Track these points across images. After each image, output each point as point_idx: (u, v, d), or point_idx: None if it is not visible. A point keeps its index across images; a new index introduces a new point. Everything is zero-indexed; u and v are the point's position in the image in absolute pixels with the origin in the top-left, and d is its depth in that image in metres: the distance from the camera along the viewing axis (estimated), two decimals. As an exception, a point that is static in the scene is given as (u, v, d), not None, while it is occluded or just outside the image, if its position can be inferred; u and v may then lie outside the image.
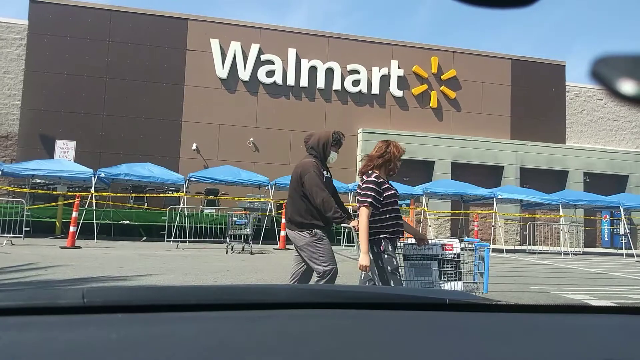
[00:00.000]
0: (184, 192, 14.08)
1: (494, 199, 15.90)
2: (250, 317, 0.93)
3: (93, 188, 13.32)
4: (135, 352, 0.73)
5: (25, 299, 0.94)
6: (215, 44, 19.61)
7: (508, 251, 16.08)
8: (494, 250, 15.84)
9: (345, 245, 13.90)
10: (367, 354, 0.79)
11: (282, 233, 13.11)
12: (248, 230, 11.74)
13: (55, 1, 18.69)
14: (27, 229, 12.10)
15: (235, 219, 11.80)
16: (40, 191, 14.52)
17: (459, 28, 74.11)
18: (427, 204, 16.07)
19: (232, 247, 11.50)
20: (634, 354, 0.89)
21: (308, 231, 3.92)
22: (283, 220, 13.31)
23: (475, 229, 14.66)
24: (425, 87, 21.39)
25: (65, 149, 17.65)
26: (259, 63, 20.00)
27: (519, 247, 18.79)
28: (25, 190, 14.45)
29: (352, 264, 10.01)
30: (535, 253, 15.67)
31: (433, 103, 21.42)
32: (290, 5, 72.88)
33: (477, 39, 77.59)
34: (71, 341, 0.75)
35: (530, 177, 21.49)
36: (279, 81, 20.11)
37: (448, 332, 0.94)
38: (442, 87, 21.57)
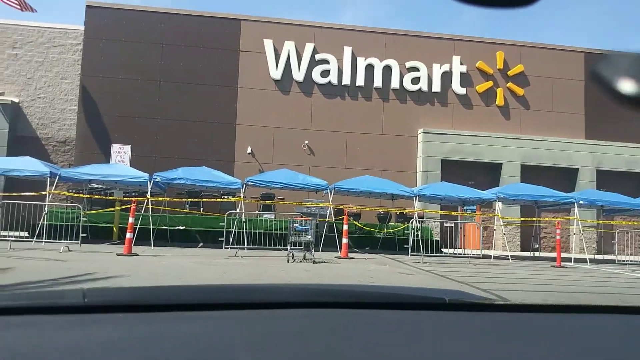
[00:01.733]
0: (242, 197, 13.46)
1: (575, 204, 14.40)
2: (250, 317, 0.94)
3: (149, 193, 12.91)
4: (135, 351, 0.73)
5: (25, 299, 0.98)
6: (268, 44, 19.08)
7: (591, 261, 14.55)
8: (576, 260, 14.39)
9: (412, 255, 12.84)
10: (367, 353, 0.79)
11: (344, 240, 12.21)
12: (310, 237, 10.93)
13: (110, 6, 18.69)
14: (84, 235, 11.77)
15: (296, 225, 11.03)
16: (96, 196, 14.29)
17: (501, 22, 71.15)
18: (500, 209, 14.75)
19: (293, 255, 10.72)
20: (634, 354, 0.90)
21: None
22: (345, 227, 12.45)
23: (557, 237, 13.22)
24: (490, 83, 20.05)
25: (121, 153, 17.51)
26: (313, 63, 19.31)
27: (600, 257, 17.12)
28: (82, 195, 14.26)
29: (425, 276, 8.98)
30: (625, 264, 14.06)
31: (499, 101, 20.04)
32: (341, 4, 72.25)
33: (529, 31, 74.43)
34: (71, 341, 0.75)
35: (608, 180, 19.66)
36: (334, 81, 19.34)
37: (448, 332, 0.94)
38: (509, 84, 20.17)
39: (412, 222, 13.70)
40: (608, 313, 1.18)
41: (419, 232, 13.93)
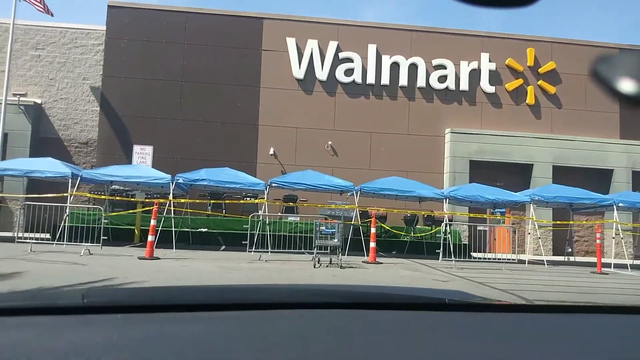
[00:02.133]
0: (265, 199, 13.08)
1: (615, 206, 13.66)
2: (250, 317, 0.93)
3: (171, 194, 12.61)
4: (135, 352, 0.73)
5: (25, 299, 0.99)
6: (291, 43, 18.71)
7: (631, 267, 13.79)
8: (615, 266, 13.65)
9: (442, 260, 12.28)
10: (367, 354, 0.79)
11: (372, 244, 11.72)
12: (337, 240, 10.49)
13: (132, 5, 18.54)
14: (105, 237, 11.52)
15: (322, 228, 10.59)
16: (118, 198, 14.07)
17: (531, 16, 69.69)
18: (534, 212, 14.08)
19: (319, 259, 10.29)
20: (634, 354, 0.89)
21: None
22: (373, 230, 11.97)
23: (598, 241, 12.54)
24: (520, 81, 19.38)
25: (142, 154, 17.31)
26: (337, 61, 18.90)
27: (638, 262, 16.29)
28: (103, 197, 14.05)
29: (461, 282, 8.44)
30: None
31: (530, 99, 19.34)
32: (362, 3, 71.69)
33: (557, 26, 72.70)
34: (71, 341, 0.74)
35: (645, 181, 18.80)
36: (358, 80, 18.88)
37: (448, 332, 0.94)
38: (540, 82, 19.46)
39: (443, 226, 13.11)
40: (608, 313, 1.17)
41: (449, 236, 13.37)
